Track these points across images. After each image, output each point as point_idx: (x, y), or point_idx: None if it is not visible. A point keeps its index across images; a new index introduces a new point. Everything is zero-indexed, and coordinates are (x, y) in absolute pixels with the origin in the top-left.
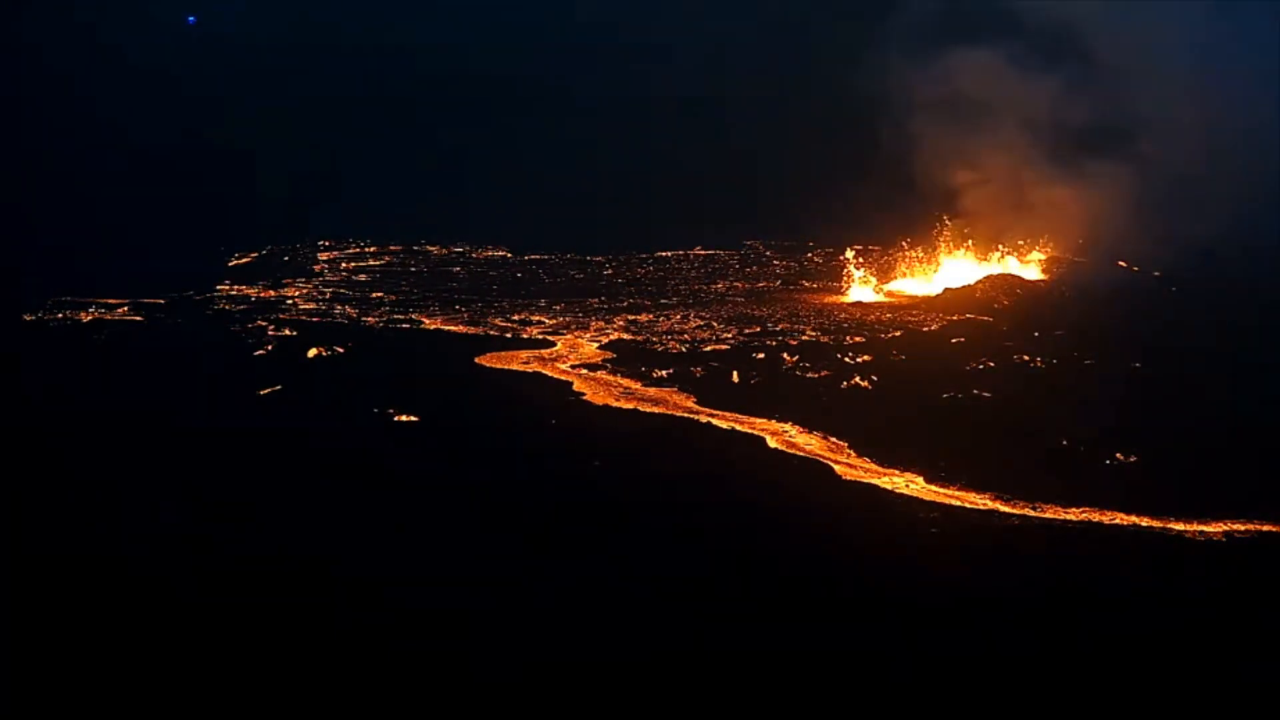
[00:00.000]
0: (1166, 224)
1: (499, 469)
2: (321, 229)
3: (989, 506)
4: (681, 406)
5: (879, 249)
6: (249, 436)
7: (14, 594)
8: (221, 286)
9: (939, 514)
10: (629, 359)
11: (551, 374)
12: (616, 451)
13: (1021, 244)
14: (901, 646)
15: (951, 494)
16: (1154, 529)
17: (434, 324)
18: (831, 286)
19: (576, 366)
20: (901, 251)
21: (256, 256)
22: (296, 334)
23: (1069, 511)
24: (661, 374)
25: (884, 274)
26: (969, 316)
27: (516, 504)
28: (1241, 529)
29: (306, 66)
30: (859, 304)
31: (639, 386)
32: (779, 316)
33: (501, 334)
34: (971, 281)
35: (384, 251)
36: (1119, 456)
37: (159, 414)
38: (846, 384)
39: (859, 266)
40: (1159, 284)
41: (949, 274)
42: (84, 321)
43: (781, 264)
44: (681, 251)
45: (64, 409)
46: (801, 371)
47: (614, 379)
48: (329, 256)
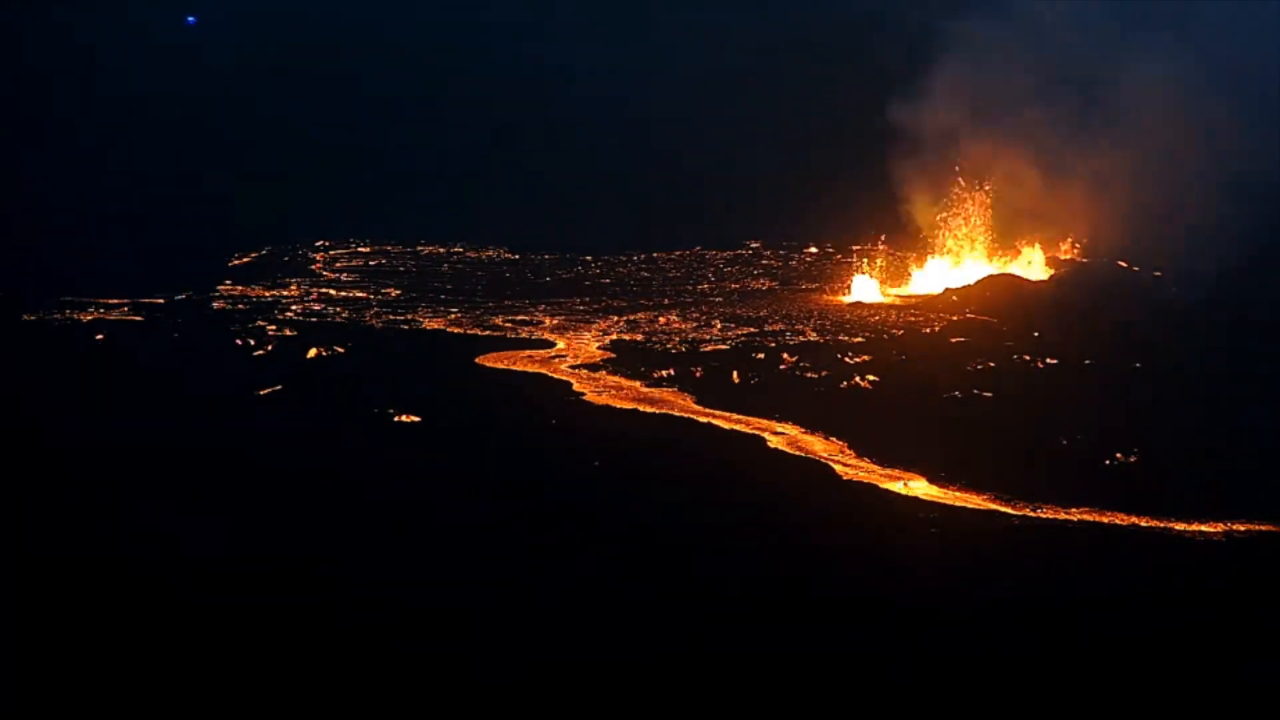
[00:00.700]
0: (1167, 223)
1: (499, 469)
2: (321, 229)
3: (989, 506)
4: (681, 407)
5: (879, 249)
6: (249, 436)
7: (14, 594)
8: (222, 286)
9: (939, 514)
10: (629, 359)
11: (552, 374)
12: (616, 451)
13: (1022, 244)
14: (901, 646)
15: (951, 494)
16: (1154, 529)
17: (434, 324)
18: (831, 286)
19: (576, 366)
20: (901, 252)
21: (256, 256)
22: (296, 334)
23: (1069, 511)
24: (661, 374)
25: (884, 274)
26: (969, 316)
27: (517, 504)
28: (1241, 529)
29: (305, 66)
30: (859, 304)
31: (639, 386)
32: (779, 316)
33: (501, 334)
34: (972, 281)
35: (384, 252)
36: (1119, 456)
37: (159, 414)
38: (847, 384)
39: (859, 267)
40: (1159, 284)
41: (949, 274)
42: (84, 321)
43: (781, 264)
44: (681, 252)
45: (64, 409)
46: (801, 372)
47: (614, 379)
48: (328, 257)
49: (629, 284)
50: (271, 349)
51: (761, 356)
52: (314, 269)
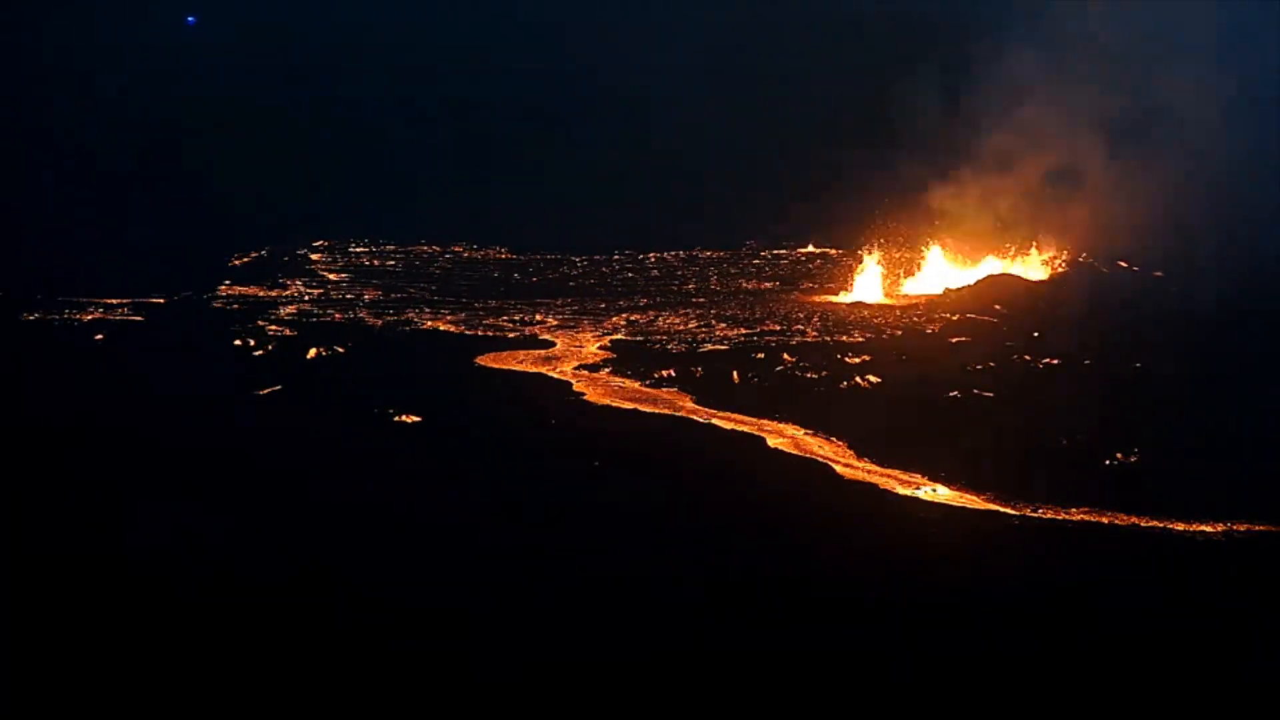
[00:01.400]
0: (1168, 223)
1: (499, 469)
2: (321, 230)
3: (989, 506)
4: (681, 406)
5: (879, 249)
6: (249, 436)
7: (14, 594)
8: (222, 287)
9: (939, 514)
10: (629, 359)
11: (551, 374)
12: (616, 451)
13: (1022, 244)
14: (901, 646)
15: (951, 494)
16: (1154, 529)
17: (434, 324)
18: (831, 286)
19: (576, 366)
20: (901, 252)
21: (256, 257)
22: (296, 334)
23: (1069, 511)
24: (661, 374)
25: (884, 274)
26: (970, 316)
27: (517, 504)
28: (1241, 529)
29: (305, 66)
30: (859, 304)
31: (639, 386)
32: (779, 316)
33: (501, 334)
34: (972, 281)
35: (384, 252)
36: (1119, 456)
37: (159, 414)
38: (846, 384)
39: (859, 267)
40: (1160, 284)
41: (949, 274)
42: (85, 321)
43: (781, 264)
44: (681, 251)
45: (64, 409)
46: (801, 371)
47: (614, 379)
48: (328, 257)
49: (629, 284)
50: (271, 349)
51: (761, 356)
52: (314, 269)
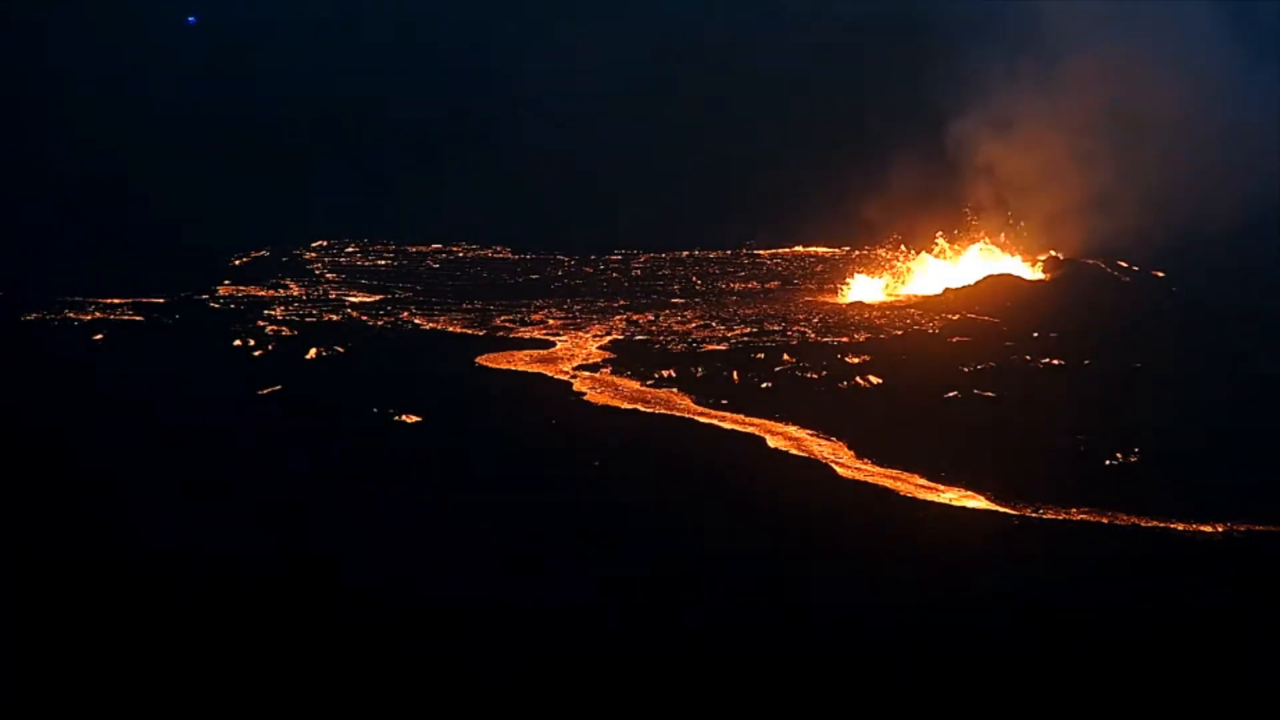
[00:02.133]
0: (1169, 223)
1: (500, 469)
2: (321, 230)
3: (989, 506)
4: (681, 406)
5: (879, 249)
6: (249, 436)
7: (14, 594)
8: (221, 287)
9: (939, 514)
10: (629, 359)
11: (552, 374)
12: (617, 451)
13: (1022, 245)
14: (901, 646)
15: (952, 494)
16: (1154, 529)
17: (434, 324)
18: (831, 286)
19: (577, 366)
20: (901, 252)
21: (256, 257)
22: (296, 334)
23: (1069, 511)
24: (661, 374)
25: (884, 274)
26: (969, 316)
27: (517, 504)
28: (1241, 529)
29: (303, 66)
30: (859, 304)
31: (639, 386)
32: (779, 316)
33: (502, 334)
34: (972, 281)
35: (384, 252)
36: (1119, 456)
37: (159, 413)
38: (846, 384)
39: (859, 267)
40: (1159, 284)
41: (949, 274)
42: (85, 321)
43: (781, 264)
44: (680, 252)
45: (64, 409)
46: (801, 371)
47: (614, 379)
48: (328, 258)
49: (629, 284)
50: (271, 349)
51: (761, 356)
52: (313, 269)
